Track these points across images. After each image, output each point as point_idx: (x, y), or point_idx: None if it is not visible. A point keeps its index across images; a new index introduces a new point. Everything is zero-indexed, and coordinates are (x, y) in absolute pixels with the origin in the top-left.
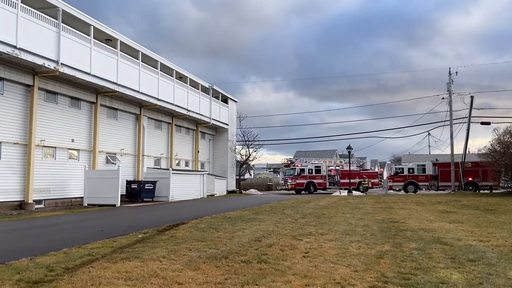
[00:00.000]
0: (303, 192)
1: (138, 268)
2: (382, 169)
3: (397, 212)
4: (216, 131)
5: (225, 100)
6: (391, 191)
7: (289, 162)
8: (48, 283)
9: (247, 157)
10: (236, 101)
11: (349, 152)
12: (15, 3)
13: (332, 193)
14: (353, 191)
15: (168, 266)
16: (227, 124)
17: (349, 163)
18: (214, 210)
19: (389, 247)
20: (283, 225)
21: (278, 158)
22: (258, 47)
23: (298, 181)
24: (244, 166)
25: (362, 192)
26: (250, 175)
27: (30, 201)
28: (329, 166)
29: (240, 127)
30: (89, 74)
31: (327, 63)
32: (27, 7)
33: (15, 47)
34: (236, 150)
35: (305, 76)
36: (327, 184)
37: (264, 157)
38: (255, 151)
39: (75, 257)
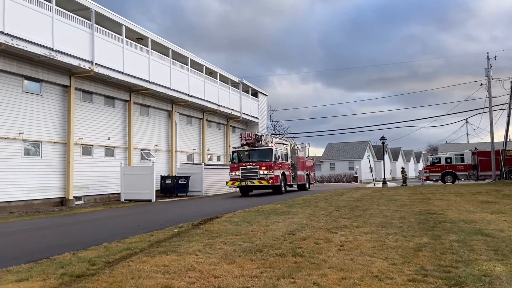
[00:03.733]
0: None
1: (175, 262)
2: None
3: (435, 203)
4: (246, 125)
5: (255, 94)
6: (428, 181)
7: (254, 137)
8: (90, 277)
9: None
10: (266, 95)
11: (383, 143)
12: (50, 6)
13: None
14: (388, 183)
15: (204, 260)
16: (257, 118)
17: (383, 154)
18: (247, 203)
19: (428, 240)
20: (317, 218)
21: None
22: (282, 38)
23: (275, 172)
24: None
25: (403, 183)
26: None
27: (71, 197)
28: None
29: (270, 120)
30: (122, 73)
31: (354, 51)
32: (61, 9)
33: (51, 49)
34: None
35: (332, 65)
36: (306, 178)
37: None
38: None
39: (115, 251)
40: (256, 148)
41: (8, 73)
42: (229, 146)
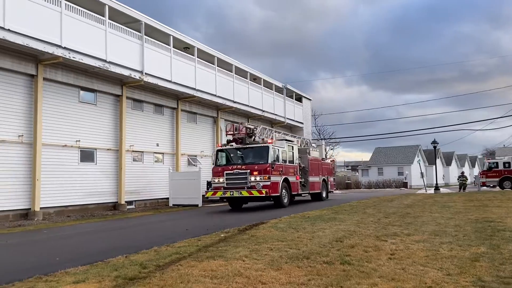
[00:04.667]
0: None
1: (223, 267)
2: (333, 159)
3: (492, 210)
4: (291, 130)
5: (299, 98)
6: (485, 187)
7: (245, 130)
8: (142, 280)
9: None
10: (310, 99)
11: (435, 147)
12: (104, 20)
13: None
14: (440, 188)
15: (251, 266)
16: (302, 123)
17: (435, 158)
18: (292, 209)
19: (485, 249)
20: (365, 225)
21: (355, 155)
22: (326, 41)
23: (273, 178)
24: None
25: (460, 189)
26: None
27: (123, 202)
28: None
29: (315, 125)
30: (170, 81)
31: (401, 52)
32: (113, 23)
33: (105, 61)
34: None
35: (378, 67)
36: (322, 185)
37: (340, 155)
38: (331, 149)
39: (164, 255)
40: (247, 146)
41: (66, 85)
42: None
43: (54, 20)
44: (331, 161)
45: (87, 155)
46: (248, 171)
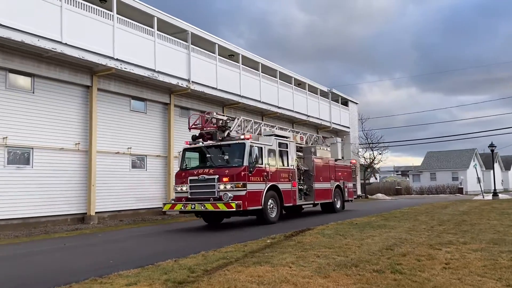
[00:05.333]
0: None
1: (269, 273)
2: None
3: None
4: (337, 134)
5: (345, 102)
6: None
7: (216, 124)
8: (191, 284)
9: (371, 160)
10: (356, 103)
11: (492, 151)
12: (153, 31)
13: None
14: (499, 194)
15: (297, 272)
16: (348, 127)
17: (493, 162)
18: (340, 215)
19: None
20: (417, 232)
21: (405, 160)
22: (372, 43)
23: (251, 186)
24: (368, 169)
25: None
26: (376, 179)
27: None
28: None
29: (362, 129)
30: (215, 89)
31: (452, 52)
32: (161, 33)
33: (154, 70)
34: (360, 153)
35: (428, 68)
36: (335, 193)
37: (389, 160)
38: (380, 154)
39: (212, 260)
40: (217, 144)
41: (118, 94)
42: None
43: (107, 33)
44: (351, 163)
45: (138, 162)
46: (216, 176)
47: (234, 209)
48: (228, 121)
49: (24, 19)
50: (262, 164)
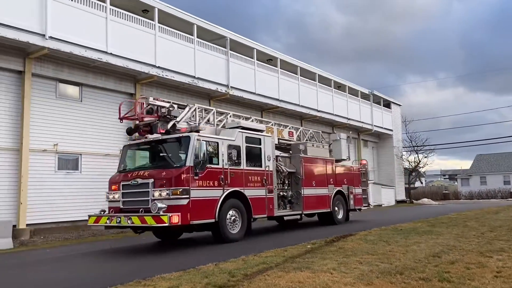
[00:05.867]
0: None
1: (310, 279)
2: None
3: None
4: (379, 138)
5: (387, 104)
6: None
7: (156, 112)
8: None
9: (416, 163)
10: (399, 105)
11: None
12: (192, 39)
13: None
14: None
15: (339, 279)
16: (391, 130)
17: None
18: (383, 221)
19: None
20: (466, 239)
21: (453, 163)
22: (414, 43)
23: (196, 193)
24: (413, 173)
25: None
26: (421, 183)
27: None
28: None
29: (406, 132)
30: (254, 93)
31: (502, 49)
32: (201, 40)
33: (194, 77)
34: (403, 156)
35: (475, 67)
36: (335, 201)
37: (436, 163)
38: (425, 157)
39: (252, 265)
40: (154, 139)
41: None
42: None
43: (150, 42)
44: (360, 164)
45: None
46: (151, 181)
47: (167, 224)
48: (171, 109)
49: (72, 31)
50: (217, 164)
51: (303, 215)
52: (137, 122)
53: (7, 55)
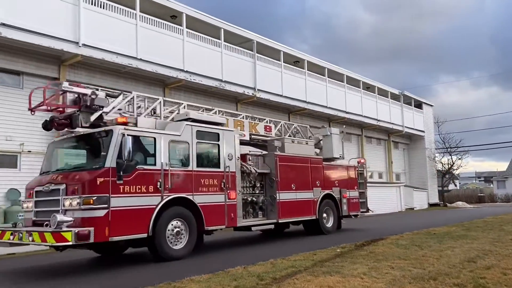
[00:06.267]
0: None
1: (340, 284)
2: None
3: None
4: (410, 139)
5: (418, 105)
6: None
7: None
8: None
9: (449, 165)
10: (431, 105)
11: None
12: (220, 42)
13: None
14: None
15: (370, 284)
16: (422, 131)
17: None
18: (415, 225)
19: None
20: (503, 244)
21: (488, 165)
22: (445, 41)
23: (118, 202)
24: (447, 176)
25: None
26: (455, 185)
27: None
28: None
29: (439, 133)
30: (281, 96)
31: None
32: (228, 44)
33: (221, 80)
34: (436, 158)
35: (509, 65)
36: (322, 207)
37: (470, 165)
38: (459, 159)
39: (280, 268)
40: (79, 135)
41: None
42: (391, 162)
43: (178, 47)
44: (358, 162)
45: None
46: (63, 186)
47: (71, 243)
48: (93, 96)
49: (103, 38)
50: (154, 164)
51: (278, 223)
52: (58, 113)
53: (43, 63)
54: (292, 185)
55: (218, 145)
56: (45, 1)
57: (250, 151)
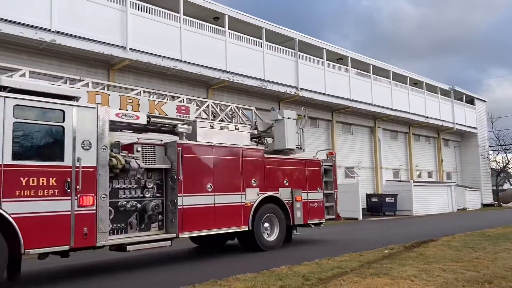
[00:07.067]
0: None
1: (388, 286)
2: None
3: None
4: (462, 136)
5: (470, 101)
6: None
7: None
8: None
9: (504, 164)
10: (484, 101)
11: None
12: (261, 42)
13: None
14: None
15: (421, 287)
16: (475, 128)
17: None
18: (467, 226)
19: None
20: None
21: None
22: (497, 33)
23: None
24: (501, 174)
25: None
26: (511, 184)
27: None
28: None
29: (492, 129)
30: (324, 94)
31: None
32: (269, 43)
33: (263, 80)
34: (490, 156)
35: None
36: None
37: None
38: None
39: (326, 269)
40: None
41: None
42: (441, 161)
43: (220, 49)
44: (328, 155)
45: None
46: None
47: None
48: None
49: (149, 42)
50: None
51: (179, 238)
52: None
53: (94, 68)
54: (208, 186)
55: (62, 127)
56: (95, 9)
57: (139, 139)
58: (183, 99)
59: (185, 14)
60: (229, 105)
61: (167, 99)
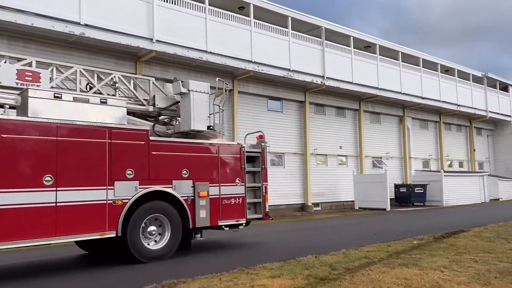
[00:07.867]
0: None
1: (418, 276)
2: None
3: None
4: (495, 125)
5: (504, 88)
6: None
7: None
8: (333, 281)
9: None
10: None
11: None
12: (287, 31)
13: None
14: None
15: (451, 278)
16: (509, 116)
17: None
18: (501, 216)
19: None
20: None
21: None
22: None
23: None
24: None
25: None
26: None
27: (309, 204)
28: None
29: None
30: (351, 83)
31: None
32: (295, 32)
33: (289, 70)
34: None
35: None
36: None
37: None
38: None
39: (353, 259)
40: None
41: (256, 96)
42: (473, 150)
43: (245, 38)
44: (258, 138)
45: (275, 159)
46: None
47: None
48: None
49: (175, 33)
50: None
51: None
52: None
53: (121, 60)
54: (46, 178)
55: None
56: (121, 1)
57: None
58: (31, 62)
59: (210, 4)
60: (112, 73)
61: (6, 59)
